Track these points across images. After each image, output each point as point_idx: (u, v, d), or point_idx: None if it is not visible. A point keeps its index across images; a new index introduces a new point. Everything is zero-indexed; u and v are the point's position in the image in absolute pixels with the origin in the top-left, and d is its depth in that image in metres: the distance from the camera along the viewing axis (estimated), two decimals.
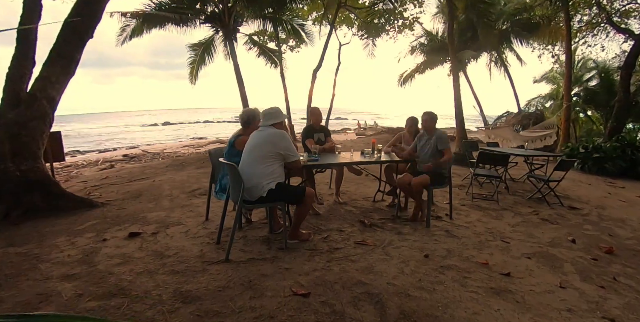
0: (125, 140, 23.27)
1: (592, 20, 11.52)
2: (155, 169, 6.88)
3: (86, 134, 30.46)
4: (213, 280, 2.15)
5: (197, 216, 3.48)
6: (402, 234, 3.09)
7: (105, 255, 2.52)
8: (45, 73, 3.88)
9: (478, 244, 2.96)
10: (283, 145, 2.62)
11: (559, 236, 3.31)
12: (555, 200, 4.59)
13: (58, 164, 8.72)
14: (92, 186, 5.14)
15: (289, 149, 2.65)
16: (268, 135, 2.63)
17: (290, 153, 2.66)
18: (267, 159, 2.59)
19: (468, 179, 5.41)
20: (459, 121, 9.16)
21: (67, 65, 4.01)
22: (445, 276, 2.30)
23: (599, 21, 11.31)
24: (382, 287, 2.10)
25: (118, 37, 9.99)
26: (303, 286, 2.08)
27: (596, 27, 11.69)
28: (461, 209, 4.08)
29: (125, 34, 9.94)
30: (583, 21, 11.83)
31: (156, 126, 41.47)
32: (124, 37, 9.99)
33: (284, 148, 2.62)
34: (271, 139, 2.61)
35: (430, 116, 3.52)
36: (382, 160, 3.72)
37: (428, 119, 3.52)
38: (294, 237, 2.81)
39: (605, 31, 11.74)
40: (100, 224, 3.25)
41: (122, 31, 9.89)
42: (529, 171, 5.55)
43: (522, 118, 13.38)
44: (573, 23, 11.15)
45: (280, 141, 2.61)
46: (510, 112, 15.54)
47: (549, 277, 2.41)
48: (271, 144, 2.59)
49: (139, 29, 9.83)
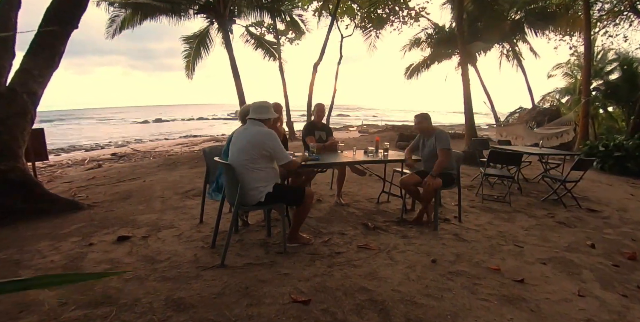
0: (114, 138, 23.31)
1: (614, 8, 11.40)
2: (146, 168, 6.89)
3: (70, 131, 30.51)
4: (207, 286, 2.15)
5: (190, 219, 3.49)
6: (407, 238, 3.09)
7: (92, 260, 2.52)
8: (26, 65, 3.84)
9: (489, 248, 2.96)
10: (270, 144, 2.53)
11: (576, 240, 3.30)
12: (572, 202, 4.58)
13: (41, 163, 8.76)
14: (78, 187, 5.15)
15: (277, 150, 2.56)
16: (253, 137, 2.54)
17: (279, 154, 2.58)
18: (257, 163, 2.53)
19: (478, 180, 5.40)
20: (469, 118, 9.15)
21: (50, 57, 3.97)
22: (454, 283, 2.30)
23: (622, 9, 11.19)
24: (386, 294, 2.10)
25: (107, 29, 9.97)
26: (303, 293, 2.08)
27: (618, 15, 11.58)
28: (471, 211, 4.08)
29: (115, 25, 9.92)
30: (604, 9, 11.70)
31: (147, 123, 41.58)
32: (114, 28, 9.96)
33: (272, 148, 2.53)
34: (256, 140, 2.52)
35: (423, 117, 3.57)
36: (387, 159, 3.71)
37: (422, 120, 3.56)
38: (294, 240, 2.81)
39: (628, 20, 11.61)
40: (87, 227, 3.25)
41: (112, 22, 9.86)
42: (544, 170, 5.54)
43: (536, 114, 13.33)
44: (593, 11, 11.06)
45: (267, 141, 2.52)
46: (523, 108, 15.48)
47: (566, 284, 2.40)
48: (257, 147, 2.51)
49: (129, 20, 9.81)
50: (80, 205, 3.91)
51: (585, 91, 9.91)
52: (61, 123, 41.34)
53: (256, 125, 2.63)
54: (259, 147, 2.52)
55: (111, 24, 9.89)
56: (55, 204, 3.74)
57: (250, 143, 2.53)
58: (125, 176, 6.03)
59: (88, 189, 5.04)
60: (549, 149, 6.49)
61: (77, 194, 4.66)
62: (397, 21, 13.56)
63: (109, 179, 5.86)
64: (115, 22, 9.86)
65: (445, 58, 15.89)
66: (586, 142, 8.51)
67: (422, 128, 3.57)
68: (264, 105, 2.69)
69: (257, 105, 2.70)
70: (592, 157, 6.72)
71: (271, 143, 2.54)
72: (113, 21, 9.84)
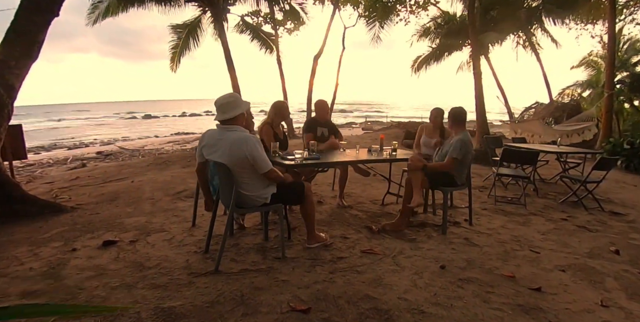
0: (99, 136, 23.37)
1: None
2: (135, 168, 6.90)
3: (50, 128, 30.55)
4: (200, 294, 2.15)
5: (182, 222, 3.50)
6: (414, 242, 3.10)
7: (75, 267, 2.52)
8: (2, 56, 3.81)
9: (503, 254, 2.96)
10: (248, 152, 2.38)
11: (599, 245, 3.29)
12: (594, 204, 4.57)
13: (19, 162, 8.79)
14: (60, 188, 5.16)
15: (256, 156, 2.42)
16: (229, 150, 2.40)
17: (260, 163, 2.45)
18: (246, 172, 2.48)
19: (490, 180, 5.40)
20: (480, 114, 9.13)
21: (28, 47, 3.93)
22: (465, 291, 2.30)
23: None
24: (392, 303, 2.10)
25: (89, 16, 9.91)
26: (303, 301, 2.09)
27: None
28: (482, 213, 4.08)
29: (98, 12, 9.86)
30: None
31: (135, 119, 41.69)
32: (97, 15, 9.89)
33: (250, 155, 2.40)
34: (233, 152, 2.40)
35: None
36: (392, 158, 3.71)
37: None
38: (313, 240, 2.86)
39: None
40: (69, 231, 3.26)
41: (94, 9, 9.80)
42: (562, 170, 5.53)
43: (554, 109, 13.30)
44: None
45: (246, 150, 2.39)
46: (540, 103, 15.44)
47: (587, 293, 2.39)
48: (241, 160, 2.41)
49: (114, 7, 9.76)
50: (62, 207, 3.91)
51: (608, 84, 9.80)
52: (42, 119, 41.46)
53: (229, 131, 2.46)
54: (243, 159, 2.42)
55: (93, 11, 9.80)
56: (34, 207, 3.74)
57: (231, 157, 2.41)
58: (112, 176, 6.04)
59: (71, 190, 5.06)
60: (568, 147, 6.49)
61: (58, 195, 4.67)
62: (404, 10, 13.53)
63: (93, 179, 5.88)
64: (98, 9, 9.78)
65: (456, 50, 15.86)
66: (609, 140, 8.49)
67: (449, 127, 3.59)
68: (228, 101, 2.49)
69: (220, 103, 2.49)
70: (616, 155, 6.71)
71: (249, 149, 2.40)
72: (96, 7, 9.76)
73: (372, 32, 13.97)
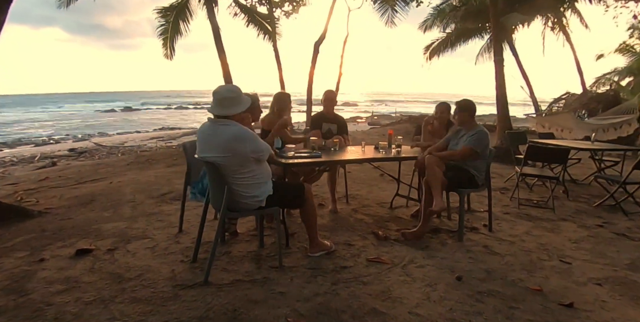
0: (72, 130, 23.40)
1: None
2: (113, 167, 6.93)
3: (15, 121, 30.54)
4: (187, 309, 2.16)
5: (167, 227, 3.51)
6: (427, 250, 3.10)
7: (43, 280, 2.51)
8: None
9: (528, 264, 2.96)
10: (250, 148, 2.42)
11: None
12: (635, 208, 4.55)
13: None
14: (26, 190, 5.16)
15: (256, 149, 2.47)
16: (228, 147, 2.41)
17: (260, 153, 2.50)
18: (247, 168, 2.50)
19: (513, 181, 5.38)
20: (502, 106, 9.10)
21: None
22: (485, 305, 2.30)
23: None
24: (402, 318, 2.10)
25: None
26: (302, 316, 2.09)
27: None
28: (504, 218, 4.08)
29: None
30: None
31: (114, 112, 41.76)
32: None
33: (253, 150, 2.45)
34: (233, 150, 2.42)
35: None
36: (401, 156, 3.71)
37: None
38: (316, 248, 2.88)
39: None
40: (37, 239, 3.25)
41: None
42: (597, 169, 5.52)
43: (588, 101, 13.22)
44: None
45: (247, 144, 2.42)
46: (571, 94, 15.37)
47: (629, 311, 2.38)
48: (240, 156, 2.44)
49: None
50: (28, 212, 3.90)
51: None
52: (3, 111, 41.51)
53: (222, 125, 2.45)
54: (244, 156, 2.45)
55: None
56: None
57: (233, 155, 2.43)
58: (87, 177, 6.06)
59: (39, 192, 5.06)
60: (604, 144, 6.46)
61: (24, 198, 4.67)
62: None
63: (65, 180, 5.89)
64: None
65: (475, 35, 15.79)
66: None
67: (463, 121, 3.56)
68: (231, 96, 2.48)
69: (221, 96, 2.47)
70: None
71: (252, 147, 2.43)
72: None
73: (380, 15, 13.91)
